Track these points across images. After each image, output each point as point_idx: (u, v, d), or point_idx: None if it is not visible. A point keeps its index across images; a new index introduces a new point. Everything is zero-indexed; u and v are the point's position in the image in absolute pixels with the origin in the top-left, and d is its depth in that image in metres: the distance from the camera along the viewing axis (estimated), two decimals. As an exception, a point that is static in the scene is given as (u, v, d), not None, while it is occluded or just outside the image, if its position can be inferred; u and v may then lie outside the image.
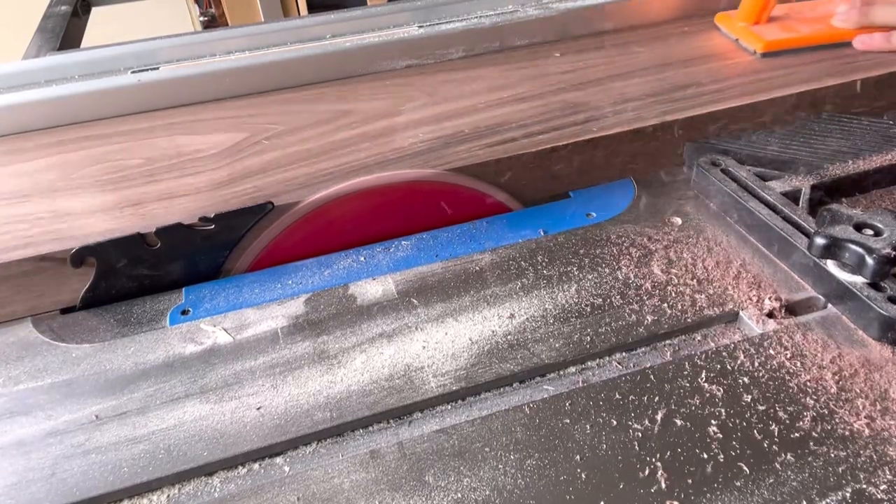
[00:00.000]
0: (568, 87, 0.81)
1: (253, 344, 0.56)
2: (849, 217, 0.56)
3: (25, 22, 1.38)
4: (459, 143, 0.71)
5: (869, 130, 0.74)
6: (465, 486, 0.44)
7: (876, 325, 0.52)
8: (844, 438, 0.45)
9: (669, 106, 0.75)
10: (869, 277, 0.53)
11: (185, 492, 0.46)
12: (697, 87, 0.79)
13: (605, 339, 0.54)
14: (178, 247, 0.62)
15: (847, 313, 0.55)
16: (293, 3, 1.70)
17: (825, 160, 0.69)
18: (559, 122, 0.74)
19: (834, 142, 0.73)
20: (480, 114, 0.77)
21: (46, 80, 0.86)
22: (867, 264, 0.52)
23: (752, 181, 0.66)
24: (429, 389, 0.51)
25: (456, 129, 0.74)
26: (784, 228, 0.60)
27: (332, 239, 0.67)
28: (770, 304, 0.56)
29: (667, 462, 0.45)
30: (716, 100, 0.75)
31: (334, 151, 0.71)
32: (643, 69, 0.84)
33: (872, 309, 0.52)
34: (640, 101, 0.76)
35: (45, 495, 0.45)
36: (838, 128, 0.75)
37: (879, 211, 0.56)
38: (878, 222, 0.55)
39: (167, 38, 0.94)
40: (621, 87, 0.80)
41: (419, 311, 0.58)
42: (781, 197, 0.64)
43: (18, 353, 0.57)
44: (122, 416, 0.51)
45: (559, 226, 0.68)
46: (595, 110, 0.75)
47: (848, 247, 0.54)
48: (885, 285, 0.53)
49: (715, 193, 0.68)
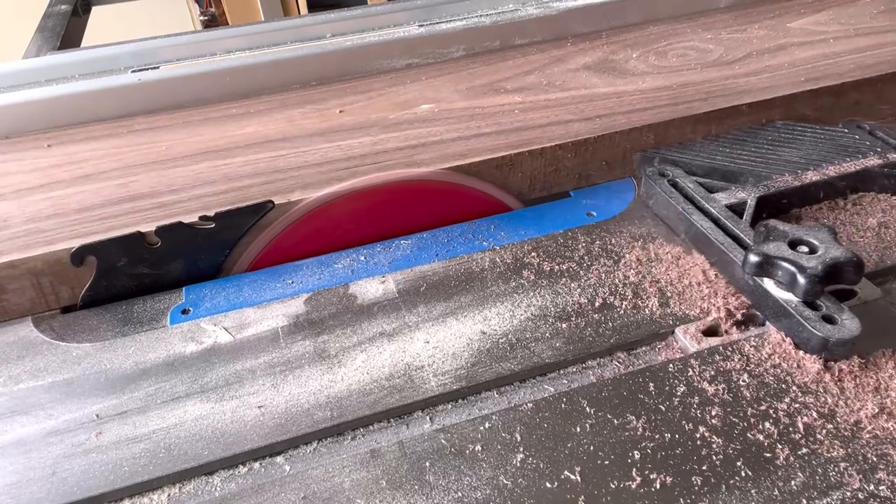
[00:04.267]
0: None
1: (253, 343, 0.56)
2: (784, 233, 0.54)
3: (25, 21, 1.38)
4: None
5: (823, 139, 0.72)
6: (465, 485, 0.44)
7: (812, 344, 0.50)
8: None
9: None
10: (801, 296, 0.51)
11: (185, 491, 0.46)
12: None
13: (606, 339, 0.54)
14: (178, 246, 0.62)
15: (784, 331, 0.53)
16: (293, 3, 1.71)
17: (775, 171, 0.67)
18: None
19: (786, 151, 0.70)
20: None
21: (47, 79, 0.86)
22: (799, 283, 0.51)
23: (697, 193, 0.64)
24: (429, 389, 0.51)
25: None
26: (724, 243, 0.58)
27: (332, 238, 0.67)
28: (707, 322, 0.54)
29: (664, 462, 0.45)
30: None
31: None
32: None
33: (806, 328, 0.50)
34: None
35: (46, 494, 0.45)
36: (792, 136, 0.73)
37: (816, 227, 0.54)
38: (813, 239, 0.53)
39: (167, 37, 0.94)
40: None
41: (419, 311, 0.58)
42: (726, 210, 0.62)
43: (19, 352, 0.57)
44: (123, 415, 0.51)
45: (559, 225, 0.67)
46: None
47: (780, 265, 0.52)
48: (821, 303, 0.51)
49: (661, 205, 0.66)
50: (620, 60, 0.88)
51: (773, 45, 0.89)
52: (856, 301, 0.56)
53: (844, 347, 0.49)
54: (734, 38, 0.91)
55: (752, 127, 0.76)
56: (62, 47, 1.10)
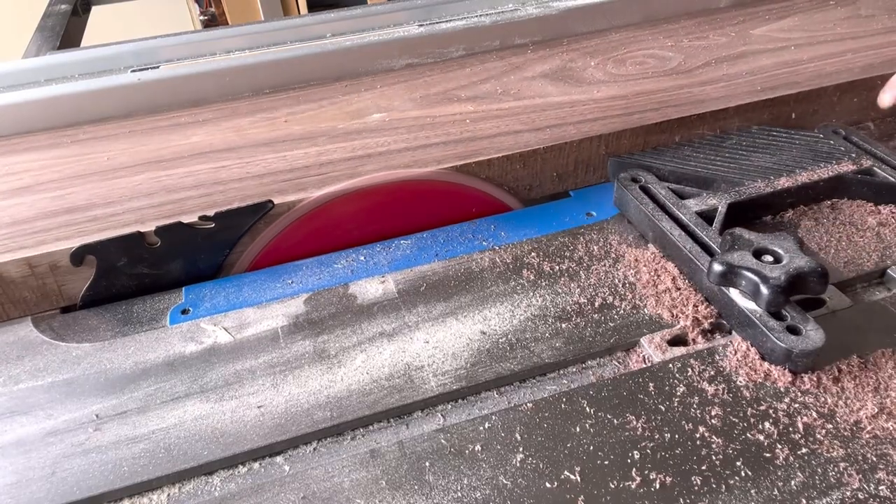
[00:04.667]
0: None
1: (253, 343, 0.56)
2: (749, 242, 0.53)
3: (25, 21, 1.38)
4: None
5: (798, 145, 0.71)
6: (465, 485, 0.44)
7: (776, 354, 0.50)
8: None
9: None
10: (764, 307, 0.51)
11: (185, 491, 0.46)
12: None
13: (606, 339, 0.54)
14: (178, 245, 0.62)
15: (750, 340, 0.52)
16: (293, 2, 1.71)
17: (748, 176, 0.66)
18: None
19: (760, 157, 0.70)
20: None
21: (46, 79, 0.86)
22: (762, 293, 0.50)
23: (669, 199, 0.63)
24: (429, 389, 0.51)
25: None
26: (692, 250, 0.57)
27: (332, 238, 0.67)
28: (673, 331, 0.54)
29: (663, 462, 0.45)
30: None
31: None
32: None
33: (770, 339, 0.50)
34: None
35: (46, 494, 0.45)
36: (767, 142, 0.72)
37: (782, 235, 0.54)
38: (778, 248, 0.52)
39: (167, 36, 0.94)
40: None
41: (419, 311, 0.58)
42: (696, 216, 0.61)
43: (19, 352, 0.57)
44: (123, 415, 0.51)
45: (559, 225, 0.67)
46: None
47: (744, 274, 0.51)
48: (786, 313, 0.51)
49: (633, 211, 0.65)
50: (578, 68, 0.86)
51: (734, 52, 0.87)
52: (824, 311, 0.55)
53: (808, 358, 0.49)
54: (694, 46, 0.90)
55: (728, 132, 0.75)
56: (62, 47, 1.10)
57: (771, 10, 0.98)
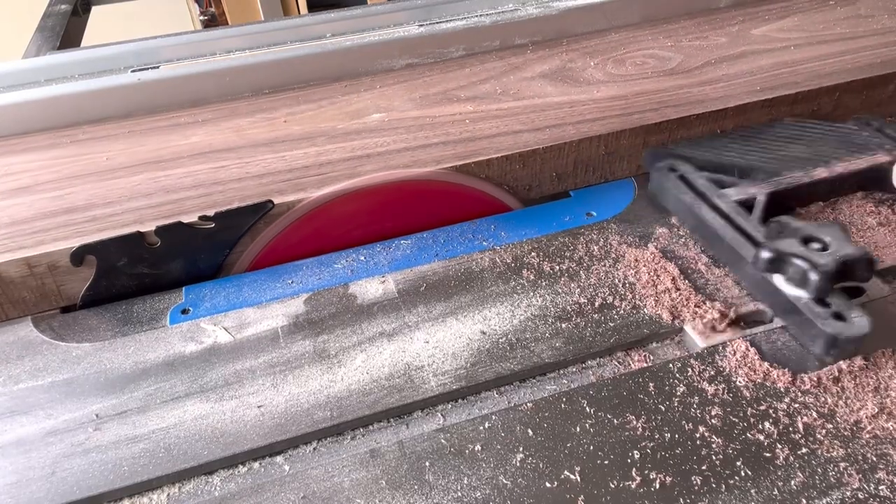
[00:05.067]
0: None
1: (253, 343, 0.56)
2: (796, 230, 0.54)
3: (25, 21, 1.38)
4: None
5: (832, 136, 0.72)
6: (465, 484, 0.44)
7: (820, 342, 0.50)
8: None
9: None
10: (812, 294, 0.51)
11: (185, 490, 0.46)
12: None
13: (606, 339, 0.54)
14: (178, 245, 0.62)
15: (793, 328, 0.53)
16: (293, 2, 1.71)
17: (786, 167, 0.67)
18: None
19: (795, 148, 0.70)
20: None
21: (46, 79, 0.86)
22: (810, 280, 0.51)
23: (707, 188, 0.64)
24: (429, 388, 0.51)
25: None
26: (734, 239, 0.58)
27: (332, 238, 0.67)
28: (716, 316, 0.54)
29: (663, 462, 0.45)
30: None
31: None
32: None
33: (815, 326, 0.50)
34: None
35: (46, 494, 0.45)
36: (801, 133, 0.73)
37: (829, 223, 0.54)
38: (825, 235, 0.53)
39: (167, 36, 0.94)
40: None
41: (419, 311, 0.58)
42: (736, 205, 0.62)
43: (19, 352, 0.57)
44: (123, 414, 0.51)
45: (559, 225, 0.67)
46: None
47: (792, 261, 0.52)
48: (831, 301, 0.51)
49: (671, 201, 0.66)
50: (578, 68, 0.85)
51: (734, 52, 0.87)
52: (864, 298, 0.56)
53: (854, 345, 0.49)
54: (694, 46, 0.89)
55: (761, 124, 0.75)
56: (62, 47, 1.10)
57: (771, 11, 0.98)
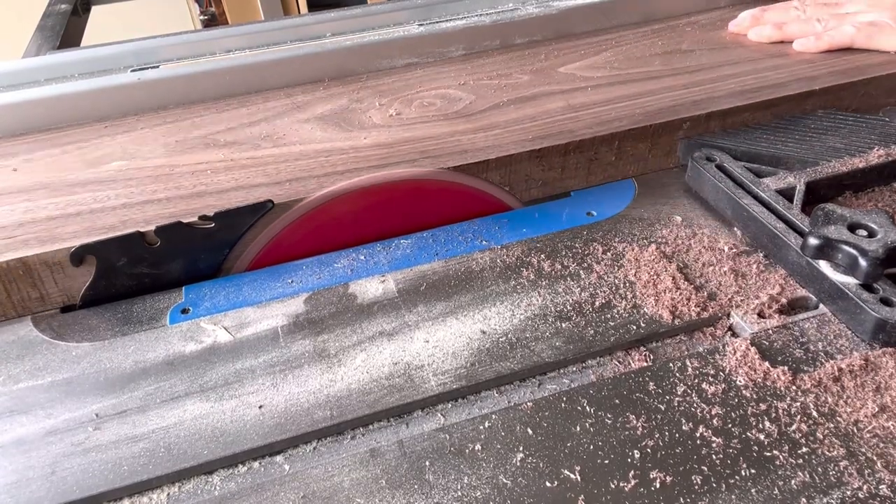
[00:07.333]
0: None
1: (253, 342, 0.56)
2: (842, 217, 0.55)
3: (25, 21, 1.38)
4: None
5: (865, 127, 0.73)
6: (465, 484, 0.44)
7: (868, 327, 0.51)
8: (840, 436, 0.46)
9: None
10: (862, 279, 0.52)
11: (185, 490, 0.46)
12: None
13: (606, 338, 0.54)
14: (178, 245, 0.62)
15: (839, 314, 0.54)
16: (293, 2, 1.71)
17: (821, 157, 0.69)
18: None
19: (830, 139, 0.72)
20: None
21: (46, 78, 0.86)
22: (860, 266, 0.52)
23: (746, 177, 0.66)
24: (429, 388, 0.51)
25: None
26: (777, 227, 0.60)
27: (332, 237, 0.67)
28: (761, 303, 0.55)
29: (663, 462, 0.45)
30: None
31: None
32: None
33: (864, 310, 0.51)
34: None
35: (45, 493, 0.45)
36: (834, 125, 0.74)
37: (873, 211, 0.56)
38: (871, 222, 0.54)
39: (167, 36, 0.94)
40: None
41: (419, 310, 0.58)
42: (775, 194, 0.63)
43: (18, 351, 0.57)
44: (122, 414, 0.51)
45: (559, 225, 0.67)
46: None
47: (841, 248, 0.53)
48: (878, 287, 0.53)
49: (709, 190, 0.67)
50: (361, 110, 0.78)
51: (527, 94, 0.79)
52: None
53: None
54: (491, 85, 0.82)
55: (794, 115, 0.77)
56: (62, 46, 1.10)
57: (591, 44, 0.91)
